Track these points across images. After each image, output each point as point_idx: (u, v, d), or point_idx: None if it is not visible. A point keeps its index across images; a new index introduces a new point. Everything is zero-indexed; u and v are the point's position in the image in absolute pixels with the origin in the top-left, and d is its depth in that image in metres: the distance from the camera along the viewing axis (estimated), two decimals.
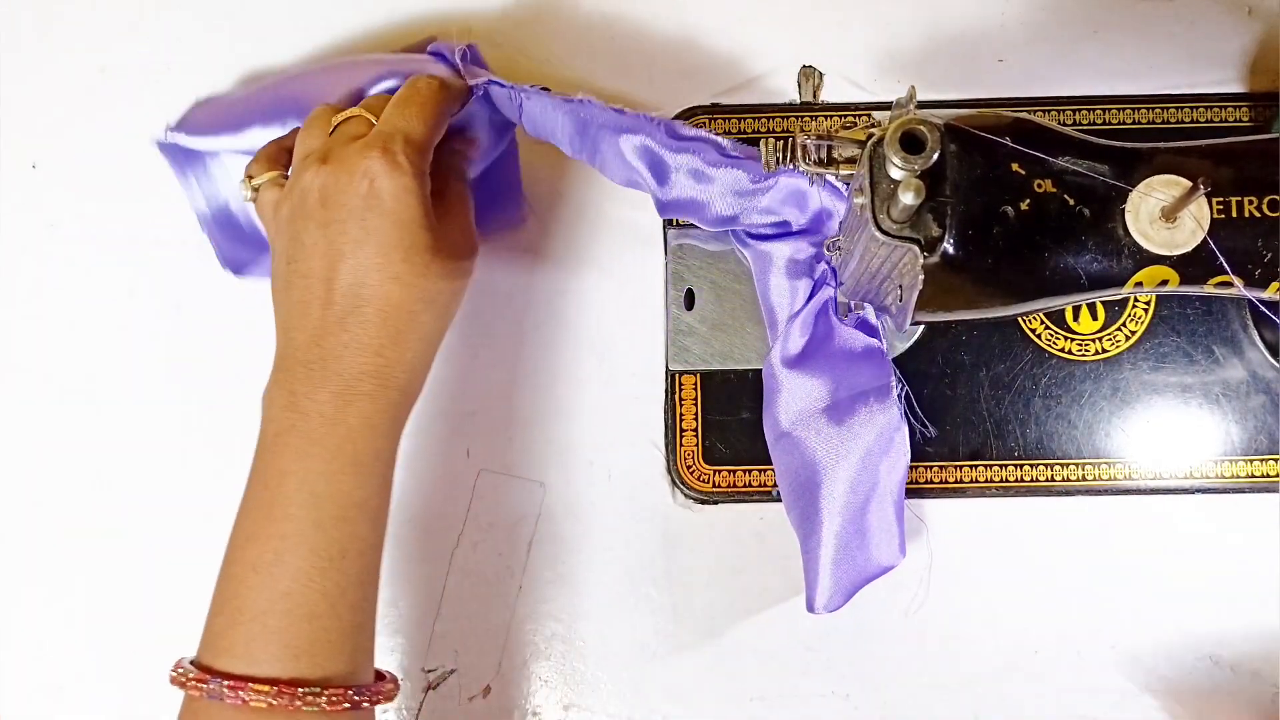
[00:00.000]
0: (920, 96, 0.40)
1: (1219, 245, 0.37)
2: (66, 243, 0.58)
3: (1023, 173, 0.38)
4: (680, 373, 0.55)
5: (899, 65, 0.57)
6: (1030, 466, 0.54)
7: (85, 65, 0.59)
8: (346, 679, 0.42)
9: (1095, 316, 0.54)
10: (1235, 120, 0.55)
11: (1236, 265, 0.38)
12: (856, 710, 0.53)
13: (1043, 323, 0.54)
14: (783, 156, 0.43)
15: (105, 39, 0.59)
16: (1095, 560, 0.54)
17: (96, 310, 0.58)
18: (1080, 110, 0.56)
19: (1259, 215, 0.38)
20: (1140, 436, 0.54)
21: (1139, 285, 0.39)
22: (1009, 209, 0.37)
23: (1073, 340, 0.54)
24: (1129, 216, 0.38)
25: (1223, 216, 0.38)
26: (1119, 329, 0.54)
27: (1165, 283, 0.39)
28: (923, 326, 0.54)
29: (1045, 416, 0.54)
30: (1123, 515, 0.54)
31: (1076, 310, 0.54)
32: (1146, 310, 0.54)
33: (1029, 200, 0.37)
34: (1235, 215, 0.38)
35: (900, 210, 0.36)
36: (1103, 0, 0.57)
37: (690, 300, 0.55)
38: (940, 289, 0.38)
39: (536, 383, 0.56)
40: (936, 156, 0.35)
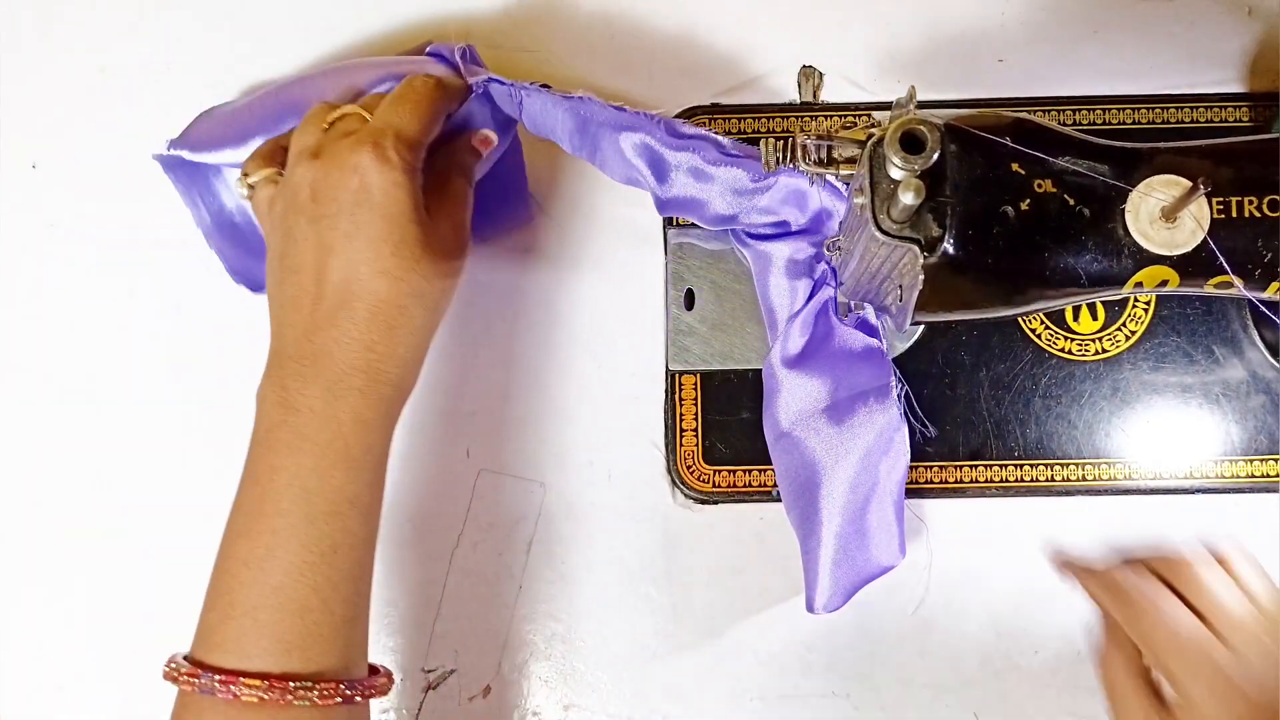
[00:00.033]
0: (920, 96, 0.40)
1: (1219, 245, 0.37)
2: (66, 243, 0.58)
3: (1023, 173, 0.38)
4: (680, 373, 0.55)
5: (899, 65, 0.57)
6: (1030, 466, 0.54)
7: (85, 65, 0.59)
8: (339, 673, 0.42)
9: (1095, 316, 0.54)
10: (1235, 120, 0.55)
11: (1236, 265, 0.38)
12: (856, 710, 0.53)
13: (1043, 323, 0.54)
14: (783, 156, 0.43)
15: (105, 39, 0.59)
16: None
17: (96, 310, 0.58)
18: (1080, 110, 0.56)
19: (1259, 215, 0.38)
20: (1140, 436, 0.54)
21: (1139, 285, 0.39)
22: (1009, 209, 0.37)
23: (1073, 340, 0.54)
24: (1129, 216, 0.38)
25: (1223, 216, 0.38)
26: (1119, 329, 0.54)
27: (1165, 283, 0.39)
28: (923, 326, 0.54)
29: (1045, 416, 0.54)
30: (1123, 515, 0.54)
31: (1076, 310, 0.54)
32: (1146, 310, 0.54)
33: (1029, 200, 0.37)
34: (1235, 215, 0.38)
35: (900, 210, 0.36)
36: (1103, 0, 0.57)
37: (690, 300, 0.55)
38: (940, 289, 0.38)
39: (536, 383, 0.56)
40: (936, 156, 0.35)
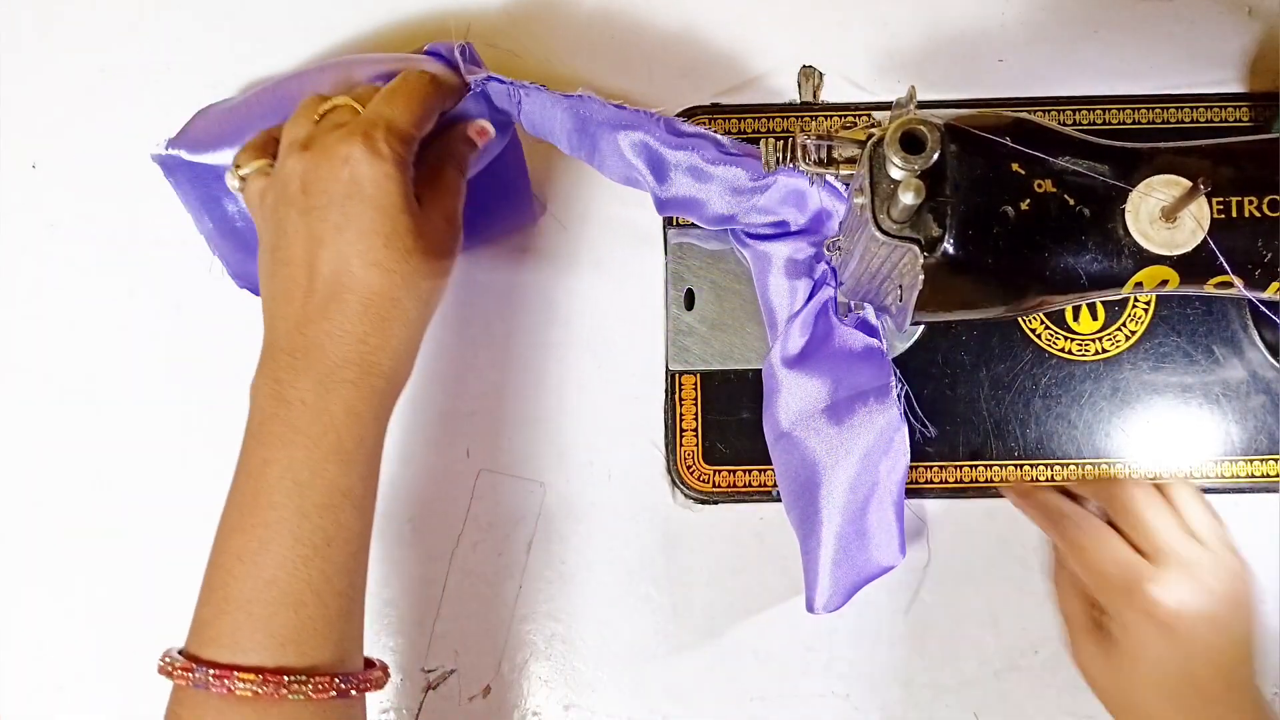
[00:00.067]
0: (920, 96, 0.40)
1: (1219, 245, 0.37)
2: (66, 243, 0.58)
3: (1023, 173, 0.37)
4: (680, 373, 0.55)
5: (899, 65, 0.57)
6: (1030, 466, 0.54)
7: (85, 65, 0.59)
8: (333, 667, 0.42)
9: (1095, 316, 0.54)
10: (1235, 120, 0.55)
11: (1236, 265, 0.38)
12: (856, 710, 0.53)
13: (1043, 323, 0.54)
14: (783, 156, 0.43)
15: (105, 39, 0.59)
16: None
17: (96, 310, 0.58)
18: (1080, 110, 0.56)
19: (1259, 215, 0.38)
20: (1140, 436, 0.54)
21: (1139, 285, 0.39)
22: (1009, 209, 0.37)
23: (1073, 340, 0.54)
24: (1129, 216, 0.38)
25: (1223, 216, 0.38)
26: (1119, 329, 0.54)
27: (1165, 283, 0.39)
28: (923, 326, 0.54)
29: (1045, 416, 0.54)
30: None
31: (1076, 310, 0.54)
32: (1146, 310, 0.54)
33: (1029, 200, 0.37)
34: (1235, 215, 0.38)
35: (900, 210, 0.36)
36: (1103, 0, 0.57)
37: (690, 300, 0.55)
38: (940, 289, 0.38)
39: (536, 383, 0.56)
40: (936, 156, 0.35)
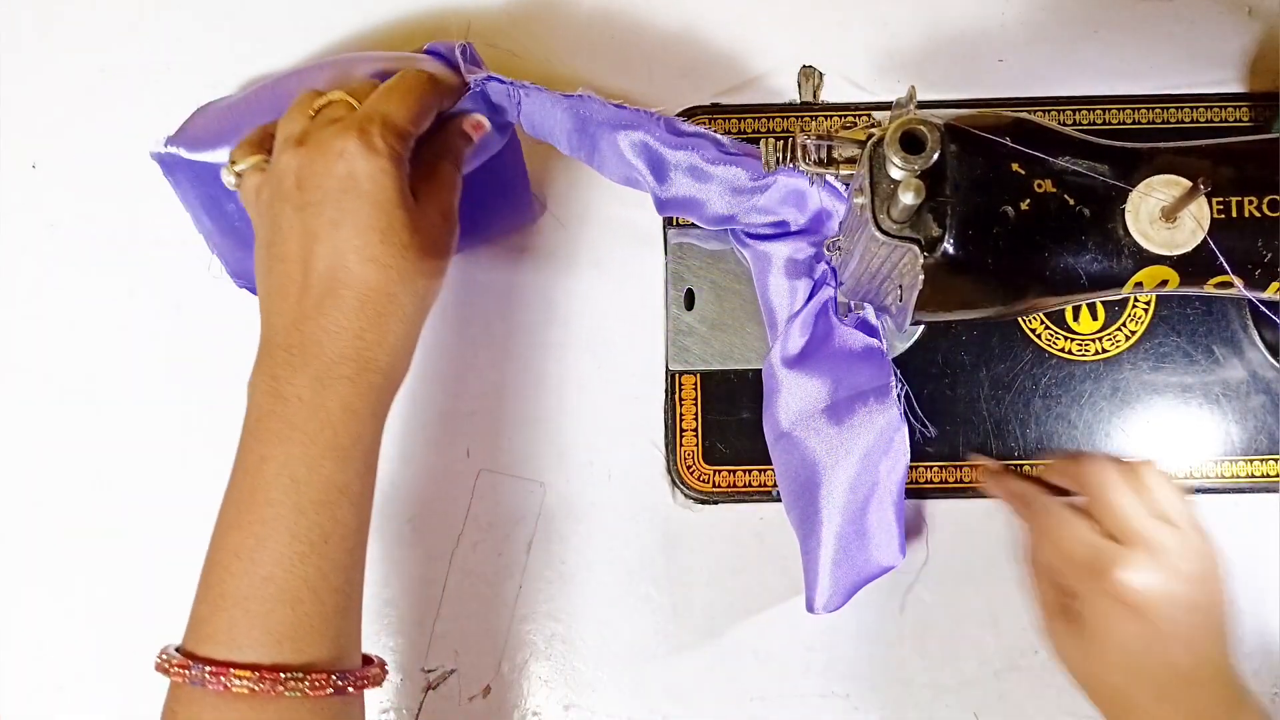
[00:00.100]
0: (920, 96, 0.40)
1: (1219, 245, 0.37)
2: (66, 243, 0.58)
3: (1023, 173, 0.37)
4: (680, 373, 0.55)
5: (899, 65, 0.57)
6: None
7: (85, 65, 0.59)
8: (330, 664, 0.41)
9: (1095, 316, 0.54)
10: (1235, 120, 0.55)
11: (1236, 265, 0.38)
12: (856, 710, 0.53)
13: (1043, 323, 0.54)
14: (783, 156, 0.43)
15: (105, 39, 0.59)
16: None
17: (96, 310, 0.58)
18: (1080, 110, 0.56)
19: (1259, 215, 0.38)
20: (1140, 436, 0.54)
21: (1139, 285, 0.39)
22: (1009, 209, 0.37)
23: (1073, 340, 0.54)
24: (1129, 216, 0.38)
25: (1223, 216, 0.38)
26: (1119, 329, 0.54)
27: (1165, 283, 0.39)
28: (923, 326, 0.54)
29: (1045, 416, 0.54)
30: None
31: (1076, 310, 0.54)
32: (1146, 310, 0.54)
33: (1029, 200, 0.37)
34: (1235, 215, 0.38)
35: (900, 210, 0.36)
36: (1103, 0, 0.57)
37: (690, 300, 0.55)
38: (940, 289, 0.38)
39: (536, 383, 0.56)
40: (936, 156, 0.35)
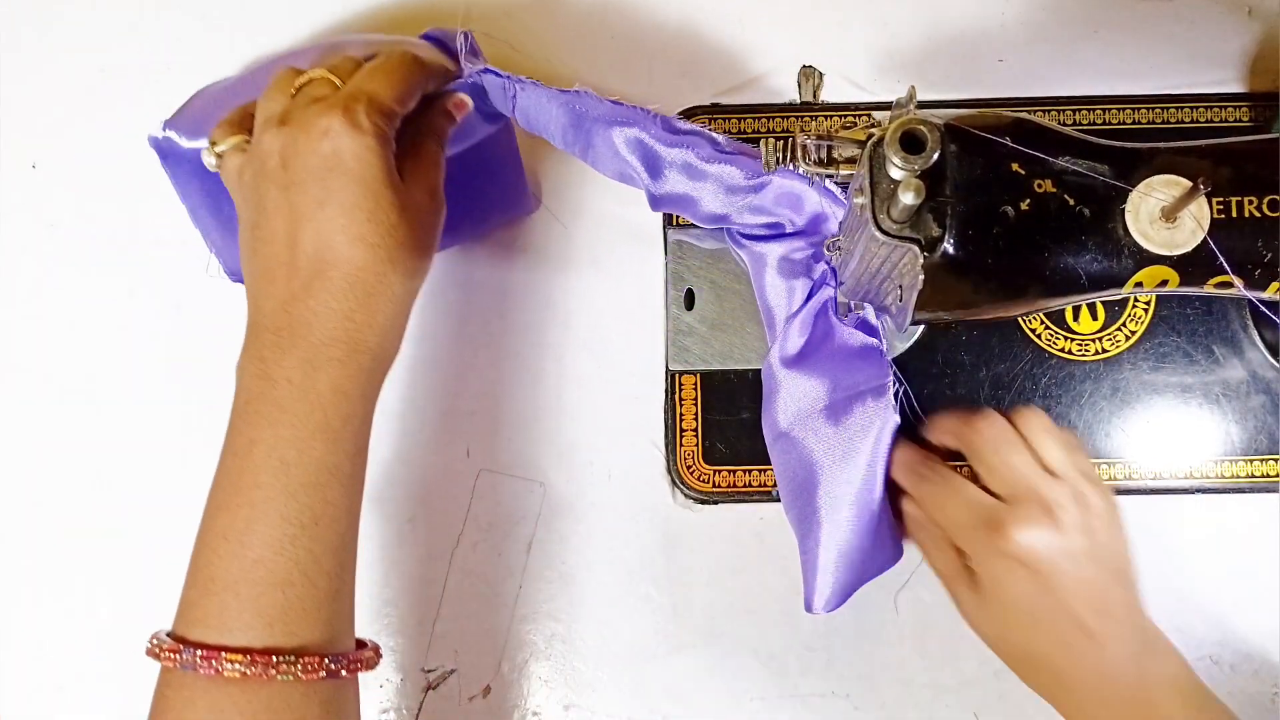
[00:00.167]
0: (920, 96, 0.40)
1: (1219, 245, 0.37)
2: (66, 243, 0.58)
3: (1023, 173, 0.37)
4: (680, 373, 0.55)
5: (899, 65, 0.57)
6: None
7: (85, 65, 0.59)
8: (323, 647, 0.41)
9: (1095, 316, 0.54)
10: (1235, 120, 0.55)
11: (1236, 265, 0.38)
12: (856, 710, 0.53)
13: (1043, 323, 0.54)
14: (783, 156, 0.43)
15: (105, 39, 0.59)
16: None
17: (96, 310, 0.58)
18: (1080, 110, 0.56)
19: (1259, 215, 0.38)
20: (1140, 436, 0.54)
21: (1139, 285, 0.39)
22: (1009, 209, 0.37)
23: (1073, 340, 0.54)
24: (1129, 216, 0.38)
25: (1223, 216, 0.38)
26: (1119, 329, 0.54)
27: (1165, 283, 0.39)
28: (923, 326, 0.54)
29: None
30: (1122, 515, 0.54)
31: (1076, 310, 0.54)
32: (1146, 310, 0.54)
33: (1029, 200, 0.37)
34: (1235, 215, 0.38)
35: (900, 210, 0.36)
36: (1103, 0, 0.57)
37: (690, 300, 0.55)
38: (940, 289, 0.38)
39: (536, 382, 0.56)
40: (936, 156, 0.35)
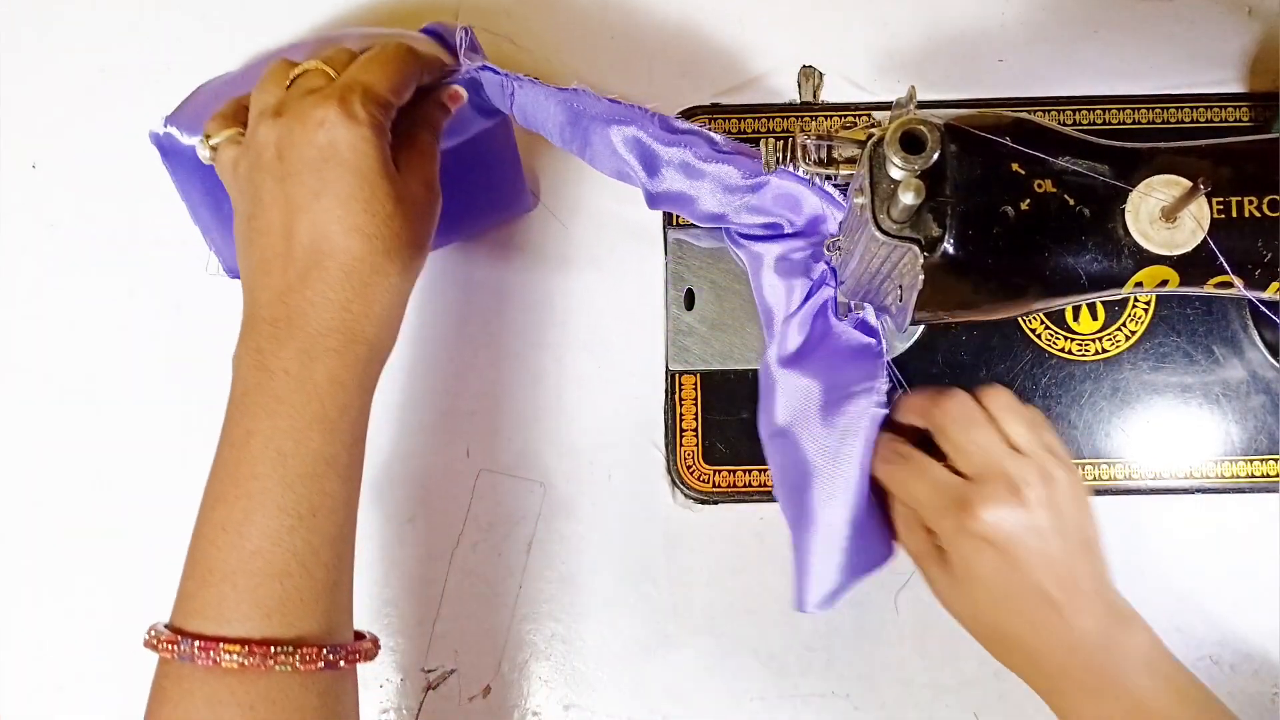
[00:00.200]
0: (920, 96, 0.40)
1: (1219, 245, 0.37)
2: (66, 243, 0.58)
3: (1023, 173, 0.37)
4: (680, 373, 0.55)
5: (899, 65, 0.57)
6: None
7: (85, 65, 0.59)
8: (321, 638, 0.41)
9: (1095, 316, 0.54)
10: (1235, 120, 0.55)
11: (1236, 265, 0.38)
12: (856, 710, 0.53)
13: (1043, 323, 0.54)
14: (783, 156, 0.43)
15: (105, 39, 0.59)
16: None
17: (96, 310, 0.58)
18: (1080, 110, 0.56)
19: (1259, 215, 0.38)
20: (1140, 436, 0.54)
21: (1139, 285, 0.39)
22: (1009, 209, 0.37)
23: (1073, 340, 0.54)
24: (1129, 216, 0.38)
25: (1223, 216, 0.38)
26: (1119, 329, 0.54)
27: (1165, 283, 0.39)
28: (922, 326, 0.54)
29: (1045, 416, 0.54)
30: (1123, 515, 0.54)
31: (1076, 310, 0.54)
32: (1146, 310, 0.54)
33: (1029, 200, 0.37)
34: (1235, 215, 0.38)
35: (900, 210, 0.36)
36: (1103, 0, 0.57)
37: (690, 300, 0.55)
38: (940, 289, 0.38)
39: (536, 382, 0.56)
40: (936, 156, 0.35)
